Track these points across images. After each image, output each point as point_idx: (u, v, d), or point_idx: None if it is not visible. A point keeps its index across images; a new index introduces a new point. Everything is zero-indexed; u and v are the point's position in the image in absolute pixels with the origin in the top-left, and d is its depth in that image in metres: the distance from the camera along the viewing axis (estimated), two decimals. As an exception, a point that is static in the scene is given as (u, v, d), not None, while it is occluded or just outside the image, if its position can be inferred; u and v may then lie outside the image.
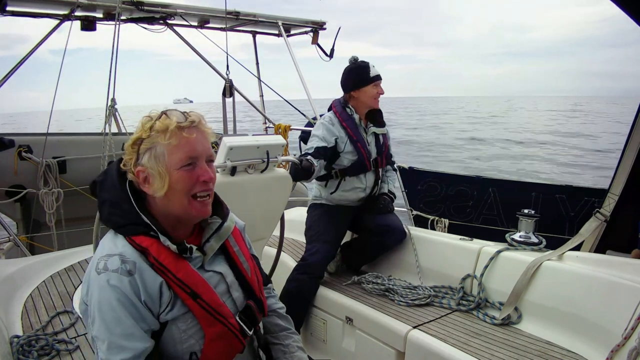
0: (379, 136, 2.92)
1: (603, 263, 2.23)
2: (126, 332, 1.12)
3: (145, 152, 1.20)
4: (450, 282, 2.67)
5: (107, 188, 1.26)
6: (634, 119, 2.95)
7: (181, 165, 1.19)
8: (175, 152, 1.18)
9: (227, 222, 1.35)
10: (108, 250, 1.19)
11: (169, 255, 1.19)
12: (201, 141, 1.22)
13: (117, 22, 3.58)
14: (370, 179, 2.91)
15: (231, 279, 1.34)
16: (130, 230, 1.20)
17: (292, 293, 2.66)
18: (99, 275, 1.14)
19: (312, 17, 5.72)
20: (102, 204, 1.26)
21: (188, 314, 1.21)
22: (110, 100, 3.96)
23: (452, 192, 4.79)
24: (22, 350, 1.98)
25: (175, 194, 1.20)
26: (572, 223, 4.08)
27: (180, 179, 1.19)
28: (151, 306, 1.16)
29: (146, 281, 1.16)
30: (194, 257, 1.25)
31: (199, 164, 1.21)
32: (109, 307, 1.12)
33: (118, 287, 1.12)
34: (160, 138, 1.18)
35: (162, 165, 1.18)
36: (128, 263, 1.15)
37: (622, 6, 2.32)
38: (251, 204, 2.26)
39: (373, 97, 2.80)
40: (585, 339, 2.05)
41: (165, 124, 1.18)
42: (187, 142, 1.19)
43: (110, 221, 1.23)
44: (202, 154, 1.22)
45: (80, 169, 4.66)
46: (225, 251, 1.36)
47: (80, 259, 3.02)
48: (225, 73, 4.50)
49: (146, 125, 1.20)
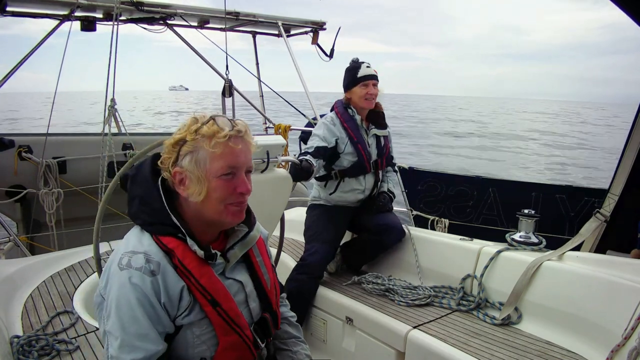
0: (380, 138, 2.92)
1: (603, 263, 2.23)
2: (141, 332, 1.11)
3: (186, 154, 1.18)
4: (450, 282, 2.67)
5: (139, 183, 1.25)
6: (634, 119, 2.95)
7: (221, 174, 1.17)
8: (218, 160, 1.17)
9: (254, 232, 1.34)
10: (133, 246, 1.17)
11: (193, 260, 1.18)
12: (244, 152, 1.21)
13: (115, 22, 3.58)
14: (370, 181, 2.91)
15: (250, 288, 1.33)
16: (158, 229, 1.19)
17: (291, 293, 2.66)
18: (121, 271, 1.13)
19: (312, 15, 5.72)
20: (132, 199, 1.25)
21: (204, 320, 1.20)
22: (110, 101, 3.96)
23: (452, 192, 4.80)
24: (22, 350, 1.98)
25: (211, 201, 1.18)
26: (572, 223, 4.09)
27: (218, 187, 1.18)
28: (169, 309, 1.15)
29: (168, 283, 1.15)
30: (216, 263, 1.24)
31: (238, 175, 1.20)
32: (127, 305, 1.11)
33: (139, 286, 1.11)
34: (205, 143, 1.16)
35: (202, 170, 1.17)
36: (152, 263, 1.14)
37: (626, 10, 2.32)
38: (251, 204, 2.25)
39: (362, 97, 2.79)
40: (585, 339, 2.05)
41: (212, 130, 1.16)
42: (231, 152, 1.17)
43: (139, 218, 1.22)
44: (243, 165, 1.21)
45: (80, 169, 4.66)
46: (248, 260, 1.35)
47: (80, 259, 3.02)
48: (224, 73, 4.50)
49: (192, 127, 1.18)
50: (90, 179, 4.20)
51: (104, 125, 3.92)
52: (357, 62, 2.85)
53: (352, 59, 2.90)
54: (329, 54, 5.27)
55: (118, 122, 4.76)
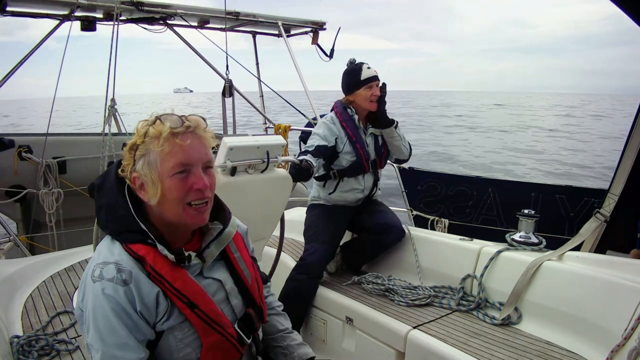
0: (378, 137, 2.92)
1: (603, 263, 2.23)
2: (120, 342, 1.10)
3: (140, 158, 1.16)
4: (450, 282, 2.67)
5: (105, 192, 1.23)
6: (634, 119, 2.95)
7: (174, 173, 1.14)
8: (168, 159, 1.14)
9: (228, 228, 1.32)
10: (104, 257, 1.16)
11: (166, 265, 1.16)
12: (196, 147, 1.17)
13: (115, 22, 3.58)
14: (369, 180, 2.91)
15: (230, 286, 1.31)
16: (127, 237, 1.17)
17: (291, 293, 2.66)
18: (94, 283, 1.12)
19: (313, 11, 5.72)
20: (100, 208, 1.23)
21: (185, 323, 1.19)
22: (110, 101, 3.96)
23: (452, 192, 4.80)
24: (22, 350, 1.98)
25: (168, 202, 1.16)
26: (572, 223, 4.08)
27: (172, 187, 1.15)
28: (147, 316, 1.14)
29: (142, 291, 1.13)
30: (192, 264, 1.22)
31: (193, 172, 1.16)
32: (103, 317, 1.10)
33: (113, 297, 1.10)
34: (153, 144, 1.14)
35: (154, 172, 1.14)
36: (124, 272, 1.12)
37: (621, 6, 2.32)
38: (251, 204, 2.26)
39: (367, 99, 2.76)
40: (585, 339, 2.05)
41: (158, 129, 1.14)
42: (180, 149, 1.14)
43: (107, 227, 1.21)
44: (196, 161, 1.17)
45: (80, 169, 4.66)
46: (226, 257, 1.33)
47: (80, 259, 3.02)
48: (225, 73, 4.50)
49: (141, 130, 1.17)
50: (90, 179, 4.16)
51: (104, 125, 3.92)
52: (356, 64, 2.82)
53: (349, 60, 2.87)
54: (329, 54, 5.27)
55: (118, 122, 4.76)
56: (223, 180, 2.09)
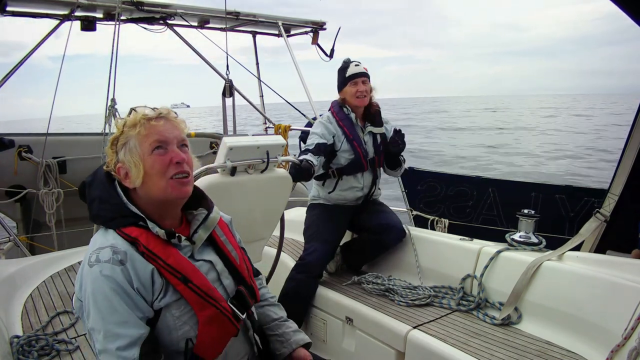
0: (376, 136, 2.92)
1: (603, 263, 2.23)
2: (121, 319, 1.14)
3: (121, 148, 1.26)
4: (450, 282, 2.67)
5: (96, 186, 1.31)
6: (634, 119, 2.95)
7: (152, 149, 1.24)
8: (146, 139, 1.24)
9: (213, 214, 1.39)
10: (99, 244, 1.22)
11: (158, 244, 1.23)
12: (169, 129, 1.27)
13: (117, 22, 3.58)
14: (368, 178, 2.91)
15: (221, 267, 1.37)
16: (120, 222, 1.23)
17: (291, 293, 2.66)
18: (91, 268, 1.17)
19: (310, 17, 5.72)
20: (92, 201, 1.30)
21: (181, 300, 1.23)
22: (110, 100, 3.96)
23: (452, 192, 4.79)
24: (22, 350, 1.98)
25: (152, 178, 1.24)
26: (572, 223, 4.08)
27: (153, 163, 1.24)
28: (144, 294, 1.19)
29: (138, 269, 1.19)
30: (183, 246, 1.29)
31: (170, 148, 1.26)
32: (103, 297, 1.14)
33: (111, 277, 1.15)
34: (131, 132, 1.25)
35: (135, 155, 1.24)
36: (119, 253, 1.18)
37: (619, 4, 2.32)
38: (251, 204, 2.26)
39: (353, 95, 2.82)
40: (585, 339, 2.05)
41: (134, 118, 1.26)
42: (155, 129, 1.25)
43: (100, 217, 1.27)
44: (171, 139, 1.27)
45: (80, 169, 4.66)
46: (213, 242, 1.39)
47: (81, 259, 2.99)
48: (225, 73, 4.50)
49: (119, 125, 1.28)
50: None
51: (104, 125, 3.92)
52: (347, 62, 2.90)
53: (344, 60, 2.93)
54: (329, 54, 5.27)
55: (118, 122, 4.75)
56: (223, 180, 2.09)
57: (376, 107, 2.94)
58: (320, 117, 2.96)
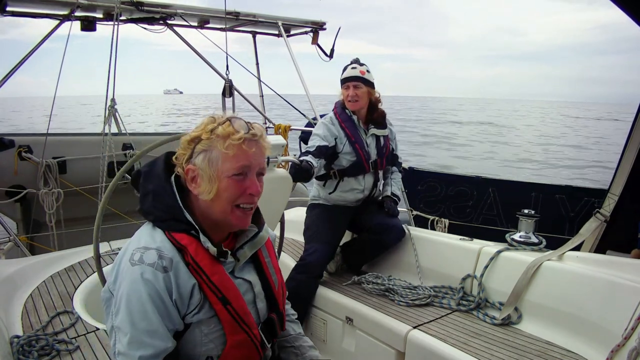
0: (379, 138, 2.91)
1: (603, 263, 2.23)
2: (150, 328, 1.11)
3: (200, 152, 1.19)
4: (450, 282, 2.67)
5: (152, 179, 1.25)
6: (634, 119, 2.95)
7: (232, 174, 1.18)
8: (230, 160, 1.17)
9: (262, 232, 1.35)
10: (145, 242, 1.17)
11: (205, 257, 1.18)
12: (257, 155, 1.21)
13: (115, 22, 3.58)
14: (369, 180, 2.91)
15: (259, 289, 1.33)
16: (171, 225, 1.19)
17: (291, 293, 2.64)
18: (132, 266, 1.13)
19: (310, 16, 5.74)
20: (145, 195, 1.24)
21: (213, 319, 1.20)
22: (110, 101, 3.96)
23: (452, 192, 4.80)
24: (22, 350, 1.98)
25: (220, 200, 1.19)
26: (572, 223, 4.09)
27: (228, 187, 1.18)
28: (180, 306, 1.16)
29: (180, 280, 1.15)
30: (227, 262, 1.25)
31: (249, 176, 1.21)
32: (138, 301, 1.11)
33: (151, 282, 1.11)
34: (219, 143, 1.17)
35: (214, 169, 1.18)
36: (165, 259, 1.14)
37: (625, 9, 2.31)
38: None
39: (345, 99, 2.82)
40: (585, 339, 2.05)
41: (227, 131, 1.17)
42: (244, 154, 1.18)
43: (152, 214, 1.22)
44: (255, 167, 1.22)
45: (80, 169, 4.66)
46: (256, 261, 1.35)
47: (80, 259, 3.02)
48: (225, 73, 4.50)
49: (208, 126, 1.19)
50: (90, 179, 4.20)
51: (104, 125, 3.92)
52: (348, 64, 2.87)
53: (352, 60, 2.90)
54: (329, 54, 5.27)
55: (118, 122, 4.76)
56: None
57: (381, 113, 2.91)
58: (323, 118, 2.94)
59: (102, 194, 3.61)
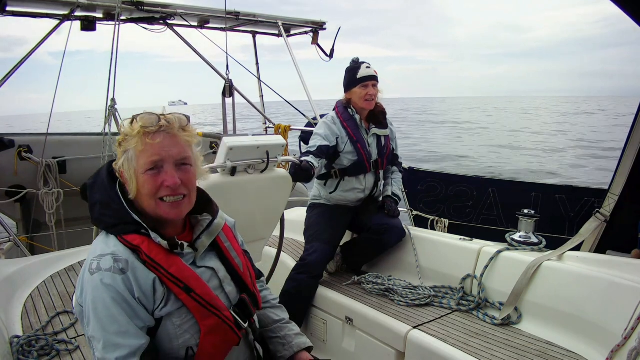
0: (380, 137, 2.91)
1: (603, 263, 2.23)
2: (121, 329, 1.13)
3: (122, 154, 1.23)
4: (450, 282, 2.67)
5: (98, 189, 1.28)
6: (634, 119, 2.95)
7: (145, 170, 1.20)
8: (141, 156, 1.20)
9: (217, 219, 1.37)
10: (100, 250, 1.20)
11: (160, 252, 1.21)
12: (168, 146, 1.21)
13: (116, 22, 3.58)
14: (370, 180, 2.91)
15: (223, 273, 1.35)
16: (122, 229, 1.21)
17: (291, 293, 2.66)
18: (92, 275, 1.15)
19: (310, 17, 5.74)
20: (93, 205, 1.28)
21: (182, 309, 1.22)
22: (110, 100, 3.96)
23: (452, 192, 4.80)
24: (22, 350, 1.98)
25: (142, 196, 1.22)
26: (572, 223, 4.08)
27: (145, 182, 1.20)
28: (145, 303, 1.17)
29: (139, 278, 1.17)
30: (185, 254, 1.26)
31: (164, 169, 1.22)
32: (104, 306, 1.13)
33: (112, 286, 1.13)
34: (130, 142, 1.21)
35: (132, 168, 1.21)
36: (120, 262, 1.16)
37: (621, 6, 2.32)
38: (251, 204, 2.26)
39: (362, 98, 2.80)
40: (585, 339, 2.05)
41: (132, 128, 1.21)
42: (150, 147, 1.19)
43: (102, 222, 1.25)
44: (167, 159, 1.21)
45: (80, 169, 4.66)
46: (217, 247, 1.37)
47: (80, 259, 3.02)
48: (225, 73, 4.50)
49: (124, 128, 1.24)
50: None
51: (104, 125, 3.92)
52: (357, 63, 2.86)
53: (353, 59, 2.90)
54: (329, 54, 5.28)
55: (118, 122, 4.76)
56: (223, 180, 2.09)
57: (381, 108, 2.92)
58: (324, 118, 2.94)
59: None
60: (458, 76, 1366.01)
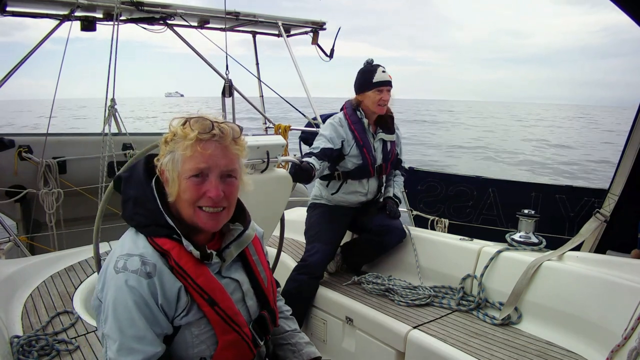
0: (386, 142, 2.89)
1: (603, 263, 2.23)
2: (138, 334, 1.11)
3: (168, 153, 1.19)
4: (450, 282, 2.67)
5: (133, 184, 1.25)
6: (634, 119, 2.95)
7: (189, 175, 1.17)
8: (188, 162, 1.16)
9: (249, 231, 1.33)
10: (128, 249, 1.17)
11: (189, 260, 1.18)
12: (217, 156, 1.17)
13: (115, 22, 3.58)
14: (373, 184, 2.90)
15: (247, 287, 1.33)
16: (153, 231, 1.19)
17: (291, 293, 2.66)
18: (117, 274, 1.13)
19: (311, 16, 5.74)
20: (126, 201, 1.24)
21: (203, 320, 1.20)
22: (110, 101, 3.96)
23: (452, 192, 4.80)
24: (22, 350, 1.98)
25: (182, 201, 1.19)
26: (572, 223, 4.09)
27: (186, 188, 1.17)
28: (167, 310, 1.15)
29: (165, 285, 1.15)
30: (212, 263, 1.24)
31: (209, 179, 1.18)
32: (124, 308, 1.11)
33: (136, 289, 1.11)
34: (179, 145, 1.17)
35: (175, 171, 1.18)
36: (148, 265, 1.14)
37: (627, 11, 2.31)
38: (251, 204, 2.24)
39: (375, 102, 2.74)
40: (585, 339, 2.05)
41: (185, 132, 1.16)
42: (200, 155, 1.16)
43: (133, 220, 1.21)
44: (213, 168, 1.18)
45: (80, 169, 4.65)
46: (244, 259, 1.34)
47: (80, 259, 3.02)
48: (224, 73, 4.50)
49: (174, 127, 1.19)
50: (90, 179, 4.21)
51: (104, 125, 3.92)
52: (372, 65, 2.78)
53: (367, 60, 2.83)
54: (329, 54, 5.27)
55: (118, 122, 4.76)
56: None
57: (389, 113, 2.88)
58: (330, 118, 2.88)
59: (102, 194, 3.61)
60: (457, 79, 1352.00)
